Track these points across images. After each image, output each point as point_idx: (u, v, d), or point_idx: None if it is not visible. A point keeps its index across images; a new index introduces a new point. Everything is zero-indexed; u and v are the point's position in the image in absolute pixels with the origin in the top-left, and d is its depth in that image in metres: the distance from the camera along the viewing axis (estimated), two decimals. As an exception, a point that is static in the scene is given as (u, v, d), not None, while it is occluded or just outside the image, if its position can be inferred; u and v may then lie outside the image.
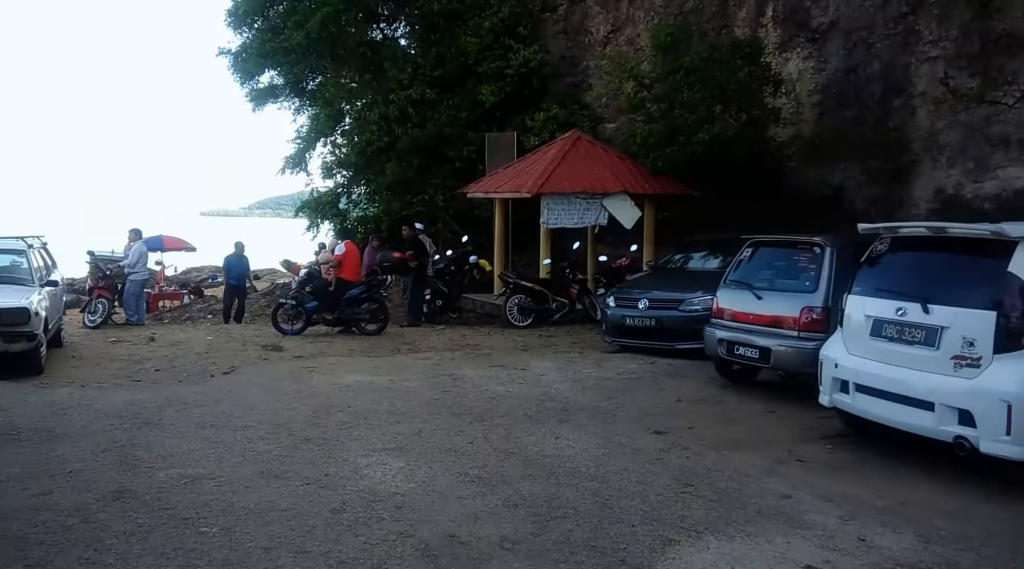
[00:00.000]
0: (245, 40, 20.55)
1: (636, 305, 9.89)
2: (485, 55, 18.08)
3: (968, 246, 5.30)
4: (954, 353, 5.06)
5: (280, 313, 12.68)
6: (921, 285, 5.42)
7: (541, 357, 9.93)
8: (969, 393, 4.94)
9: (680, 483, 5.17)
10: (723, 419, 6.86)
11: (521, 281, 13.38)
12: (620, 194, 13.87)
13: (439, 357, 10.08)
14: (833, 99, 14.83)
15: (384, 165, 19.26)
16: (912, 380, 5.30)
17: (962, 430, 4.96)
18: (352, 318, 12.57)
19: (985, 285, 5.05)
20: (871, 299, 5.78)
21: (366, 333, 12.50)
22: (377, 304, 12.71)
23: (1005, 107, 12.39)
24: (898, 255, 5.82)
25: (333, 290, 12.51)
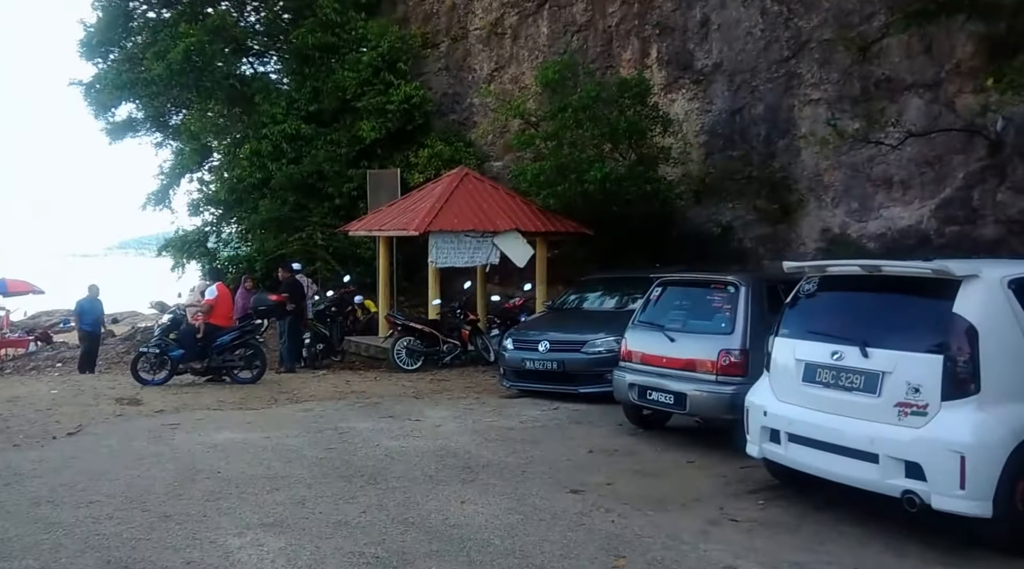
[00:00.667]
0: (100, 71, 18.74)
1: (536, 347, 9.24)
2: (364, 90, 17.24)
3: (907, 285, 4.96)
4: (898, 400, 4.66)
5: (141, 362, 11.20)
6: (858, 327, 5.03)
7: (436, 405, 9.04)
8: (917, 443, 4.53)
9: (609, 554, 4.46)
10: (642, 473, 6.23)
11: (409, 322, 12.48)
12: (512, 232, 13.32)
13: (322, 408, 8.98)
14: (719, 139, 15.02)
15: (257, 202, 17.91)
16: (852, 429, 4.87)
17: (910, 484, 4.53)
18: (224, 366, 11.32)
19: (929, 327, 4.70)
20: (802, 342, 5.35)
21: (240, 381, 11.25)
22: (252, 350, 11.49)
23: (888, 148, 12.86)
24: (829, 295, 5.44)
25: (202, 336, 11.19)
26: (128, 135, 20.14)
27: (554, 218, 13.94)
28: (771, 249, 14.47)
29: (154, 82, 16.21)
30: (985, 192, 11.64)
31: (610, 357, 8.83)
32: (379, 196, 16.59)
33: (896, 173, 13.05)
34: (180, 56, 16.07)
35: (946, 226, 12.69)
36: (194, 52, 16.15)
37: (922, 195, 12.91)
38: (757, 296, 6.71)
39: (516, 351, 9.47)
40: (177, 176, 19.58)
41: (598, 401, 8.81)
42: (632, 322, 7.59)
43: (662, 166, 14.08)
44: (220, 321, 11.59)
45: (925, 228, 12.88)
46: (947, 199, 12.65)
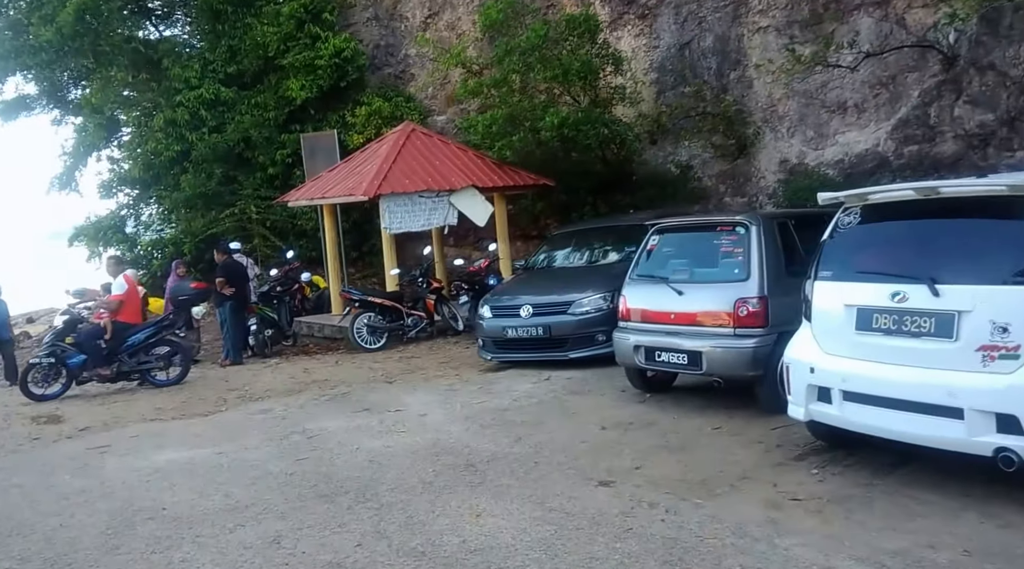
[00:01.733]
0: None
1: (518, 313, 8.36)
2: (288, 46, 15.76)
3: (975, 208, 4.25)
4: (981, 343, 3.98)
5: (32, 374, 9.71)
6: (921, 262, 4.31)
7: (413, 389, 8.11)
8: (1010, 392, 3.87)
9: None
10: (668, 448, 5.49)
11: (368, 297, 11.43)
12: (468, 189, 12.31)
13: (282, 406, 7.95)
14: (670, 76, 14.20)
15: (178, 178, 16.37)
16: (924, 381, 4.18)
17: (1005, 439, 3.88)
18: (138, 369, 9.97)
19: (1013, 254, 4.01)
20: (850, 284, 4.62)
21: (159, 384, 9.97)
22: (170, 347, 10.17)
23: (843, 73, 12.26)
24: (877, 227, 4.70)
25: (110, 338, 9.75)
26: (22, 114, 18.12)
27: (511, 171, 12.98)
28: (731, 186, 13.86)
29: (44, 49, 14.37)
30: (942, 108, 11.24)
31: (599, 316, 8.08)
32: (316, 161, 15.30)
33: (850, 97, 12.49)
34: (71, 18, 14.26)
35: (904, 146, 12.22)
36: (87, 12, 14.35)
37: (877, 117, 12.40)
38: (770, 236, 5.97)
39: (495, 319, 8.58)
40: (82, 155, 17.73)
41: (590, 365, 8.06)
42: (629, 276, 6.78)
43: (616, 107, 13.19)
44: (130, 318, 10.18)
45: (883, 150, 12.38)
46: (903, 119, 12.17)
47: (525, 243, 16.10)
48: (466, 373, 8.81)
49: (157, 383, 10.01)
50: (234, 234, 15.88)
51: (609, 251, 9.29)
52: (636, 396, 6.88)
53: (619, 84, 13.10)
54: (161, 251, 16.60)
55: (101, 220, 17.15)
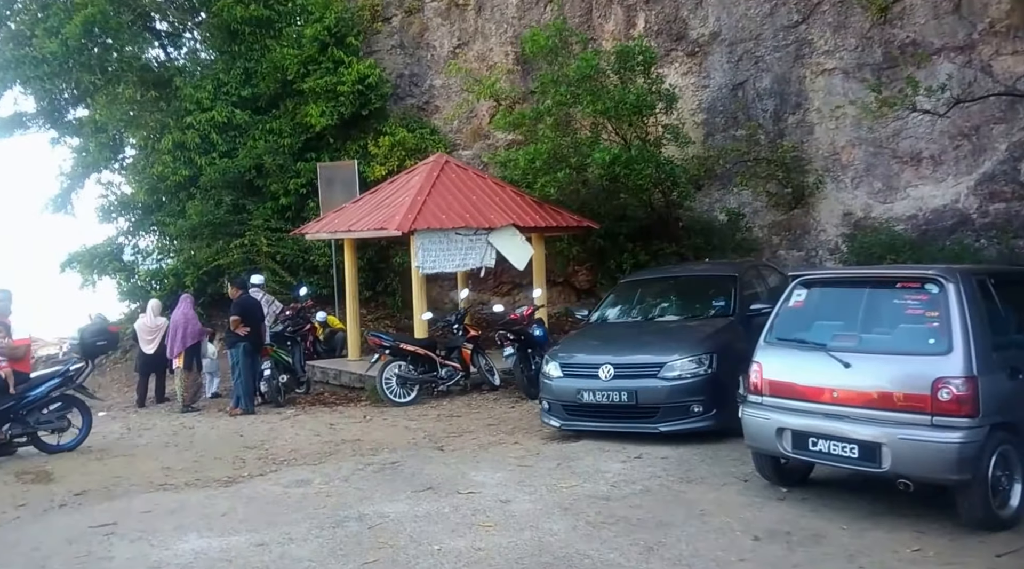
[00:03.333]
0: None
1: (596, 374, 6.97)
2: (309, 69, 14.51)
3: None
4: None
5: None
6: None
7: (475, 461, 6.65)
8: None
9: None
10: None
11: (400, 343, 9.97)
12: (508, 228, 11.01)
13: (320, 476, 6.44)
14: (720, 118, 13.14)
15: (184, 204, 14.90)
16: None
17: None
18: (31, 431, 7.92)
19: None
20: None
21: (51, 450, 8.00)
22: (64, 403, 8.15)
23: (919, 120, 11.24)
24: None
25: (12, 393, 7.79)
26: (17, 131, 16.58)
27: (552, 211, 11.70)
28: (786, 238, 12.71)
29: (47, 61, 12.96)
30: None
31: (695, 383, 6.73)
32: (333, 193, 13.97)
33: (926, 148, 11.47)
34: (78, 30, 12.89)
35: (989, 204, 11.16)
36: (96, 25, 13.01)
37: (957, 170, 11.36)
38: (973, 297, 4.68)
39: (566, 379, 7.17)
40: (81, 176, 16.18)
41: (682, 441, 6.67)
42: (764, 340, 5.45)
43: (665, 149, 12.04)
44: (26, 367, 8.32)
45: (964, 207, 11.31)
46: (988, 174, 11.14)
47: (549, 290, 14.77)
48: (527, 441, 7.37)
49: (49, 449, 8.02)
50: (240, 267, 14.42)
51: (695, 304, 7.98)
52: (769, 490, 5.48)
53: (670, 123, 11.98)
54: (160, 282, 15.00)
55: (97, 246, 15.55)
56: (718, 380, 6.74)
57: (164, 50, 16.82)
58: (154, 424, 9.64)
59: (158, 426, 9.50)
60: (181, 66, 15.47)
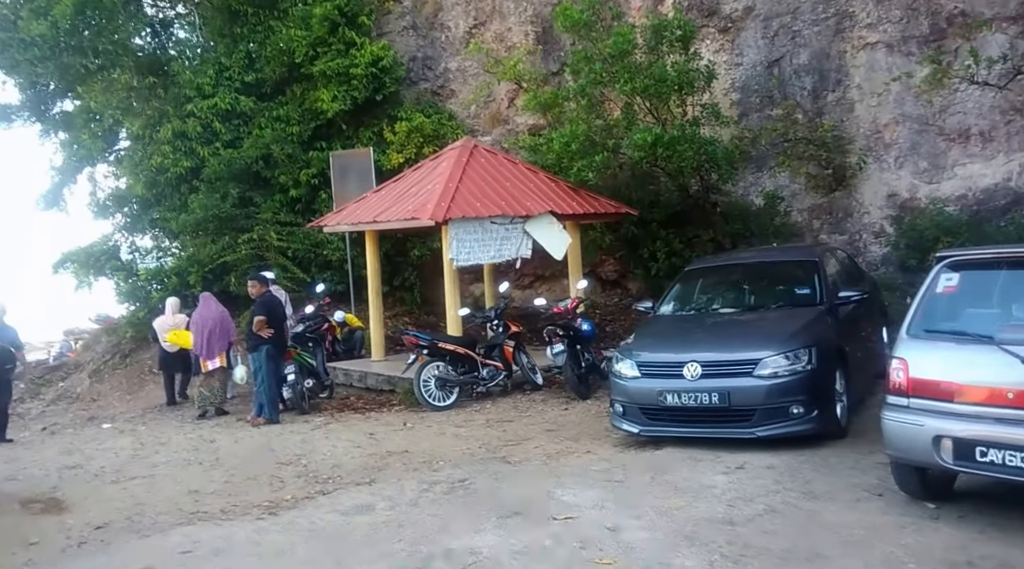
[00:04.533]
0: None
1: (679, 373, 6.17)
2: (318, 52, 13.58)
3: None
4: None
5: None
6: None
7: (553, 475, 5.82)
8: None
9: None
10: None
11: (438, 342, 9.13)
12: (545, 216, 10.19)
13: (379, 498, 5.60)
14: (755, 96, 12.35)
15: (186, 198, 13.93)
16: None
17: None
18: None
19: None
20: None
21: None
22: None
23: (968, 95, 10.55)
24: None
25: None
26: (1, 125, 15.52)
27: (589, 197, 10.89)
28: (827, 221, 11.95)
29: (36, 44, 11.92)
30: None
31: (794, 382, 5.96)
32: (347, 183, 13.08)
33: (975, 123, 10.75)
34: (69, 11, 11.88)
35: (1045, 181, 10.58)
36: (88, 5, 11.99)
37: (1009, 147, 10.66)
38: None
39: (645, 379, 6.37)
40: (74, 170, 15.15)
41: (780, 447, 5.90)
42: (907, 332, 4.68)
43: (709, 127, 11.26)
44: None
45: (1017, 185, 10.63)
46: (1044, 151, 10.55)
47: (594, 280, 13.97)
48: (600, 449, 6.57)
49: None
50: (248, 264, 13.50)
51: (774, 293, 7.21)
52: (914, 507, 4.71)
53: (708, 102, 11.19)
54: (161, 282, 14.04)
55: (93, 245, 14.54)
56: (817, 377, 5.99)
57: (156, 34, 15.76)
58: (169, 438, 8.75)
59: (173, 440, 8.62)
60: (179, 50, 14.44)
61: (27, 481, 7.07)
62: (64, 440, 9.34)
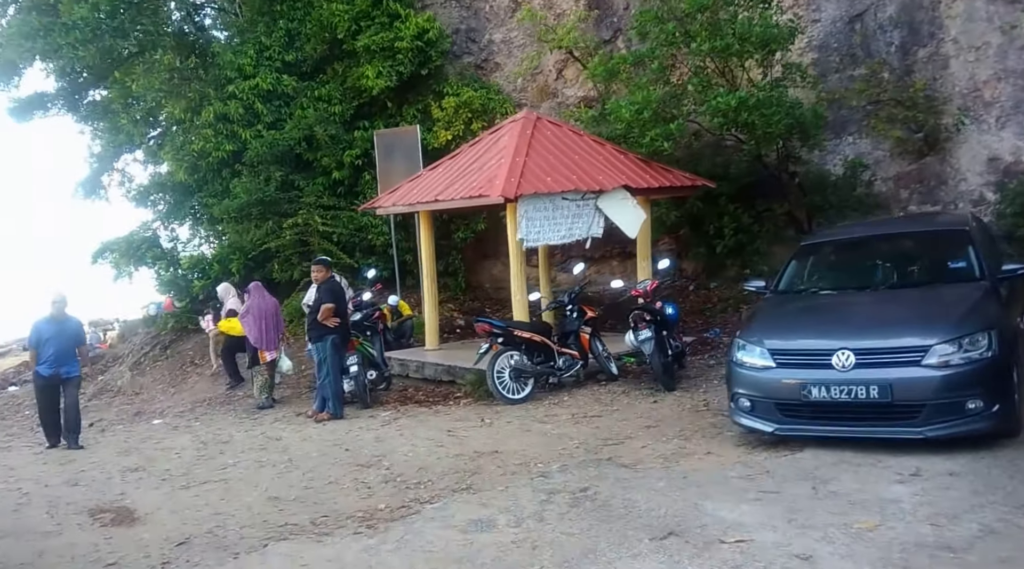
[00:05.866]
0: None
1: (827, 362, 5.19)
2: (362, 26, 12.61)
3: None
4: None
5: None
6: None
7: (689, 484, 4.87)
8: None
9: None
10: None
11: (513, 330, 8.21)
12: (619, 191, 9.20)
13: (496, 511, 4.67)
14: (834, 56, 11.23)
15: (227, 183, 13.07)
16: None
17: None
18: None
19: None
20: None
21: None
22: None
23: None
24: None
25: None
26: (36, 112, 14.70)
27: (661, 169, 9.87)
28: (917, 191, 10.81)
29: (77, 27, 11.04)
30: None
31: (971, 372, 4.96)
32: (392, 162, 12.13)
33: (1091, 77, 9.68)
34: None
35: None
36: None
37: None
38: None
39: (782, 370, 5.40)
40: (112, 157, 14.32)
41: (953, 449, 4.93)
42: None
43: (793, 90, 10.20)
44: None
45: None
46: None
47: (622, 262, 13.03)
48: (722, 450, 5.61)
49: None
50: (292, 250, 12.67)
51: (920, 267, 6.20)
52: None
53: (791, 61, 10.13)
54: (202, 271, 13.23)
55: (132, 233, 13.74)
56: (998, 366, 4.99)
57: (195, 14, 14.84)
58: (230, 436, 7.91)
59: (235, 438, 7.78)
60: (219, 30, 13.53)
61: (90, 486, 6.26)
62: (117, 438, 8.54)
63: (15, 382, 15.59)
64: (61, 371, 7.68)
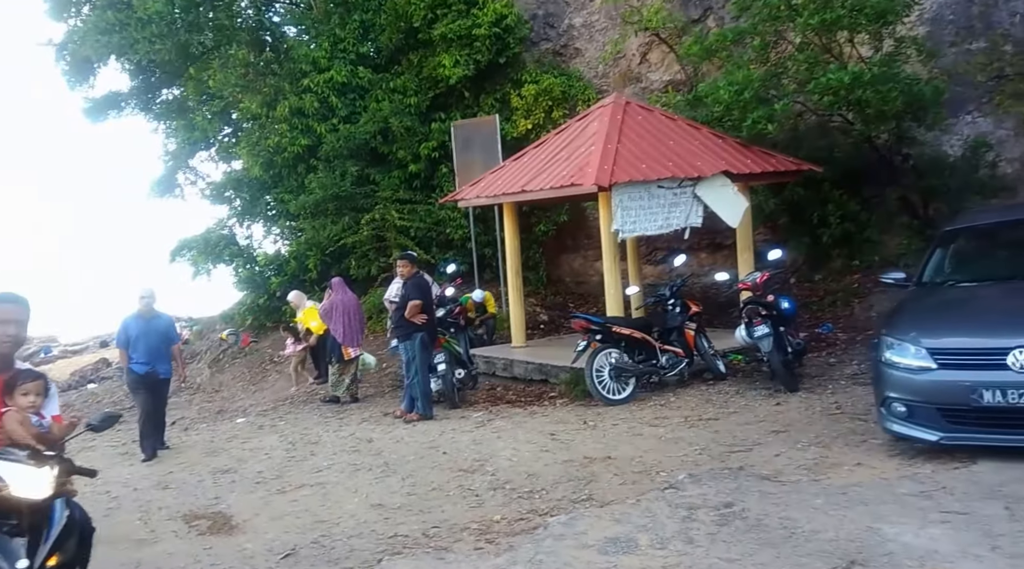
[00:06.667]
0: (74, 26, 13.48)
1: (1002, 363, 4.50)
2: (438, 14, 12.26)
3: None
4: None
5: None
6: None
7: (853, 501, 4.27)
8: None
9: None
10: None
11: (614, 326, 7.68)
12: (718, 177, 8.56)
13: (633, 528, 4.16)
14: (949, 28, 10.35)
15: (303, 178, 12.92)
16: None
17: None
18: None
19: None
20: None
21: None
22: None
23: None
24: None
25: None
26: (111, 112, 14.90)
27: (762, 154, 9.18)
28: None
29: (152, 21, 11.02)
30: None
31: None
32: (470, 154, 11.73)
33: None
34: (186, -16, 10.95)
35: None
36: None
37: None
38: None
39: (946, 371, 4.73)
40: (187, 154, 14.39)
41: None
42: None
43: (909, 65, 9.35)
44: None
45: None
46: None
47: (711, 254, 12.32)
48: (875, 461, 4.95)
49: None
50: (369, 245, 12.42)
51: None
52: None
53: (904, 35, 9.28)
54: (279, 268, 13.12)
55: (209, 231, 13.75)
56: None
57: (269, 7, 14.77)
58: (318, 436, 7.63)
59: (324, 439, 7.49)
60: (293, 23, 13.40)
61: (181, 490, 6.04)
62: (203, 438, 8.38)
63: (93, 379, 15.82)
64: (158, 369, 7.42)
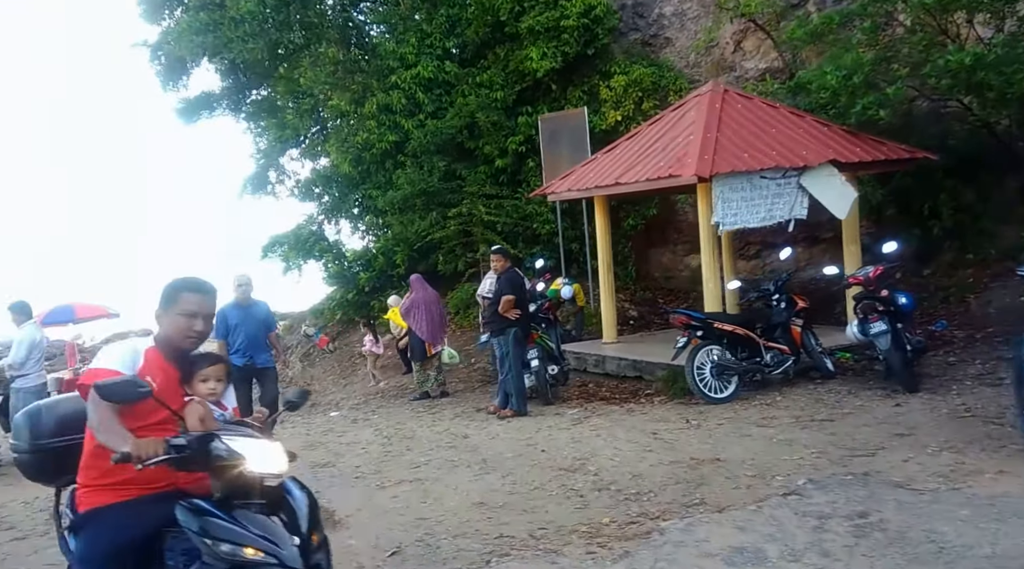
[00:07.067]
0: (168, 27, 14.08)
1: None
2: (525, 6, 12.16)
3: None
4: None
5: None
6: None
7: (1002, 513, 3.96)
8: None
9: None
10: None
11: (715, 322, 7.42)
12: (825, 167, 8.12)
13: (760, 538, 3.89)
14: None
15: (390, 174, 13.08)
16: None
17: None
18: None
19: None
20: None
21: None
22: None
23: None
24: None
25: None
26: (203, 113, 15.48)
27: (872, 141, 8.67)
28: None
29: (244, 21, 11.37)
30: None
31: None
32: (558, 148, 11.61)
33: None
34: (279, -18, 11.24)
35: None
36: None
37: None
38: None
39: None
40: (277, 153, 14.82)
41: None
42: None
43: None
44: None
45: None
46: None
47: (807, 248, 11.76)
48: (1016, 468, 4.57)
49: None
50: (456, 241, 12.47)
51: None
52: None
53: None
54: (367, 264, 13.34)
55: (299, 227, 14.13)
56: None
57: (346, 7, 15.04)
58: (413, 431, 7.66)
59: (419, 434, 7.51)
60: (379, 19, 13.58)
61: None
62: (298, 431, 8.55)
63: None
64: (257, 360, 7.46)
